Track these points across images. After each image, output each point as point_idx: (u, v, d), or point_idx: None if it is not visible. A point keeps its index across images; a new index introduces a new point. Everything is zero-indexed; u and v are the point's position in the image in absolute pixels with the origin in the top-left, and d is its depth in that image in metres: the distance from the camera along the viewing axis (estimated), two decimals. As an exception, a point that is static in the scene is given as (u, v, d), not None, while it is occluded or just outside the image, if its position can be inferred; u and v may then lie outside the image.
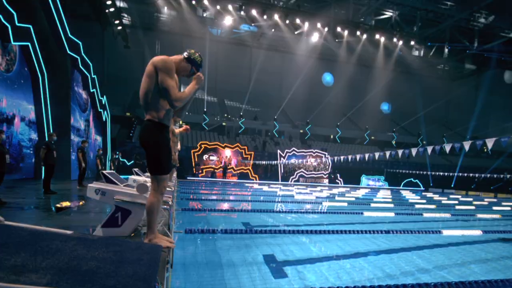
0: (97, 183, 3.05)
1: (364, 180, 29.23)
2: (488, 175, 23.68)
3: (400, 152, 9.24)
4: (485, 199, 19.66)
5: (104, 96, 18.22)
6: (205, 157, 26.00)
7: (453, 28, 31.39)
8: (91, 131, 17.10)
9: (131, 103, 31.43)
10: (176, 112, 2.86)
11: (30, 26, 11.77)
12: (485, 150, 41.10)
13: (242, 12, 28.18)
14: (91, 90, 15.89)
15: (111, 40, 30.34)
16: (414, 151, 8.71)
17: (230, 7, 27.84)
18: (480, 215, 10.59)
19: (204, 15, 31.24)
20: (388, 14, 31.36)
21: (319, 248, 5.01)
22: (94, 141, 17.91)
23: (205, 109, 32.47)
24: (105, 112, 18.96)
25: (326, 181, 28.24)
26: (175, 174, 9.64)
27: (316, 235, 5.94)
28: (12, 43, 11.00)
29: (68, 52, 12.92)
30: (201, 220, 6.90)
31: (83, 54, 14.20)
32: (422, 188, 29.95)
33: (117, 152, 21.24)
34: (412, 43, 32.65)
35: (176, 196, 9.85)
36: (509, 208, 13.73)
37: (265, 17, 28.12)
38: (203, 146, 26.14)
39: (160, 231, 3.07)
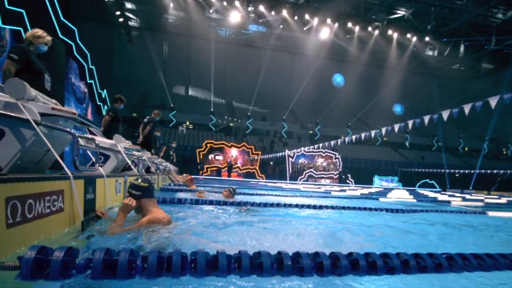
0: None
1: (377, 180, 27.65)
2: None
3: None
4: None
5: (105, 90, 17.70)
6: (210, 156, 25.23)
7: (469, 25, 30.00)
8: (89, 126, 16.45)
9: (137, 104, 31.12)
10: None
11: (23, 11, 11.30)
12: (505, 152, 38.99)
13: (250, 8, 27.60)
14: (89, 81, 15.35)
15: (119, 43, 30.38)
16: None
17: (237, 2, 27.22)
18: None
19: (211, 11, 30.67)
20: (401, 13, 30.20)
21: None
22: (93, 136, 17.26)
23: (212, 110, 31.83)
24: (106, 106, 18.38)
25: (336, 181, 26.88)
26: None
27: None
28: (1, 25, 10.51)
29: (60, 36, 12.32)
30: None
31: (78, 41, 13.66)
32: (439, 189, 28.12)
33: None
34: (427, 39, 31.24)
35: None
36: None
37: (273, 13, 27.46)
38: (208, 145, 25.40)
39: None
